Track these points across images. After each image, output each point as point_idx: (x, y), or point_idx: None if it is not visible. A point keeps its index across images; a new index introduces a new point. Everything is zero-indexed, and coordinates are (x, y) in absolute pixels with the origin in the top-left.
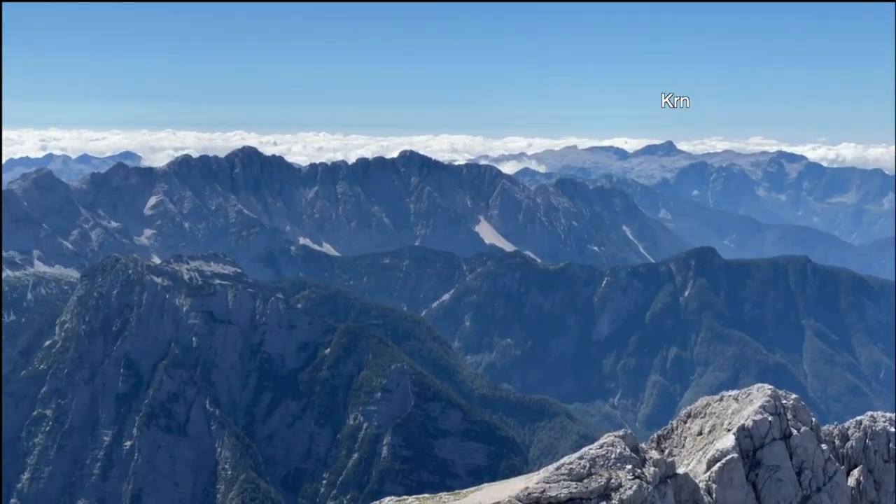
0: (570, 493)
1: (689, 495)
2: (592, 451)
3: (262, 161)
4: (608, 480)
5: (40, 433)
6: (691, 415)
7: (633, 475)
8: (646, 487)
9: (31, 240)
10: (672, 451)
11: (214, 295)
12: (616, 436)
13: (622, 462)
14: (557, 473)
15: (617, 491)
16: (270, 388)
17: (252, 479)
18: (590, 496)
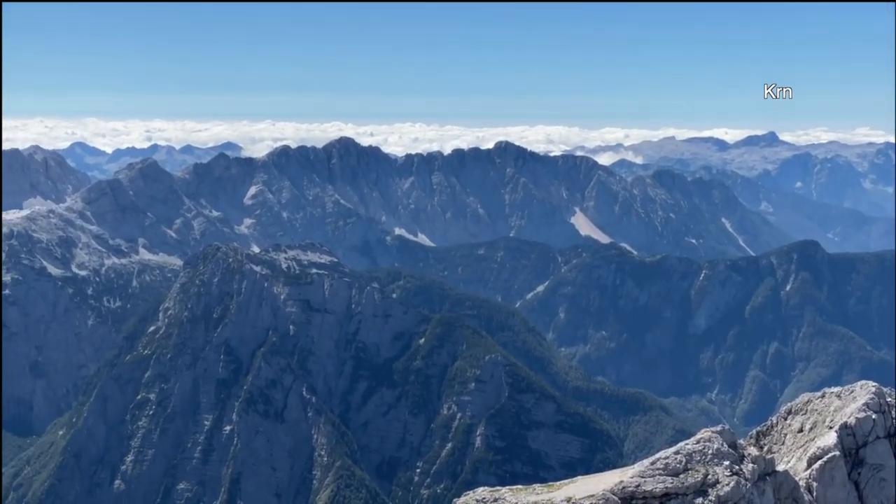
0: (666, 489)
1: (789, 493)
2: (689, 446)
3: (358, 152)
4: (705, 476)
5: (144, 417)
6: (792, 411)
7: (730, 471)
8: (744, 484)
9: (137, 228)
10: (771, 447)
11: (311, 284)
12: (713, 431)
13: (719, 458)
14: (653, 468)
15: (714, 487)
16: (365, 376)
17: (347, 466)
18: (686, 492)
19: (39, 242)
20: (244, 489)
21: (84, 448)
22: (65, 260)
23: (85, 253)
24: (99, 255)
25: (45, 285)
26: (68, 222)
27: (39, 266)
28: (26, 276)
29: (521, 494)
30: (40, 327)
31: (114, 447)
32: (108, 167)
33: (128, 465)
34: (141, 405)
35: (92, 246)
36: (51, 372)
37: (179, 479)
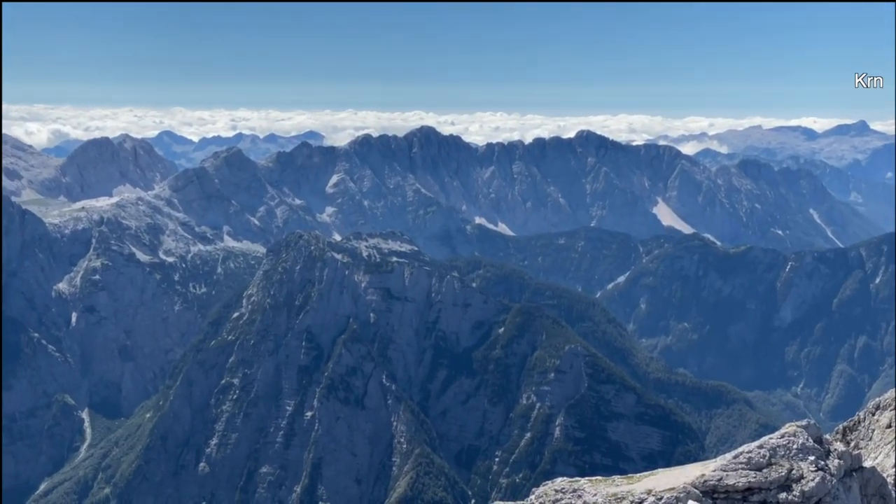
0: (749, 483)
1: (876, 490)
2: (773, 440)
3: (439, 141)
4: (789, 471)
5: (228, 401)
6: (880, 406)
7: (815, 467)
8: (829, 480)
9: (222, 216)
10: (858, 443)
11: (392, 272)
12: (798, 426)
13: (804, 453)
14: (735, 462)
15: (798, 482)
16: (445, 365)
17: (426, 454)
18: (769, 486)
19: (128, 229)
20: (325, 474)
21: (170, 430)
22: (153, 246)
23: (172, 240)
24: (185, 241)
25: (133, 271)
26: (156, 210)
27: (128, 252)
28: (115, 262)
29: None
30: (129, 312)
31: (199, 430)
32: (195, 156)
33: (212, 448)
34: (225, 390)
35: (179, 233)
36: (139, 356)
37: (262, 462)
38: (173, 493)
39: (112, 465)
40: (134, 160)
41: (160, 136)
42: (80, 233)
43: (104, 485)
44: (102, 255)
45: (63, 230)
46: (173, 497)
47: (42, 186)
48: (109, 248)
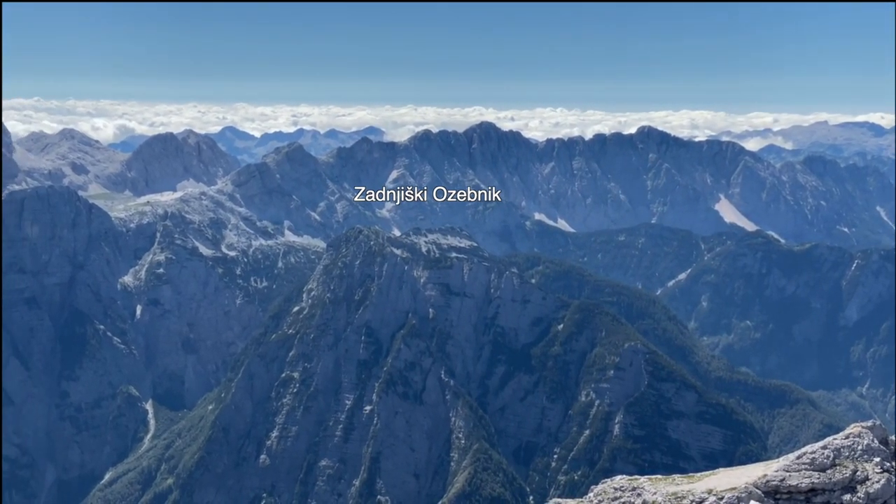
0: (812, 484)
1: None
2: (837, 441)
3: (499, 136)
4: (854, 473)
5: (288, 394)
6: None
7: (881, 468)
8: (895, 482)
9: (283, 211)
10: None
11: (451, 268)
12: (864, 426)
13: (870, 454)
14: (799, 462)
15: (863, 484)
16: (503, 361)
17: (485, 450)
18: (833, 488)
19: (192, 224)
20: (384, 468)
21: (232, 423)
22: (215, 241)
23: (234, 234)
24: (247, 236)
25: (196, 265)
26: (219, 204)
27: (192, 246)
28: (179, 255)
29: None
30: (192, 305)
31: (260, 423)
32: (257, 151)
33: (273, 440)
34: (285, 383)
35: (240, 227)
36: (201, 348)
37: (321, 456)
38: (234, 485)
39: (175, 456)
40: (197, 155)
41: (223, 132)
42: (145, 227)
43: (167, 475)
44: (166, 249)
45: (128, 224)
46: (234, 488)
47: (108, 181)
48: (173, 242)
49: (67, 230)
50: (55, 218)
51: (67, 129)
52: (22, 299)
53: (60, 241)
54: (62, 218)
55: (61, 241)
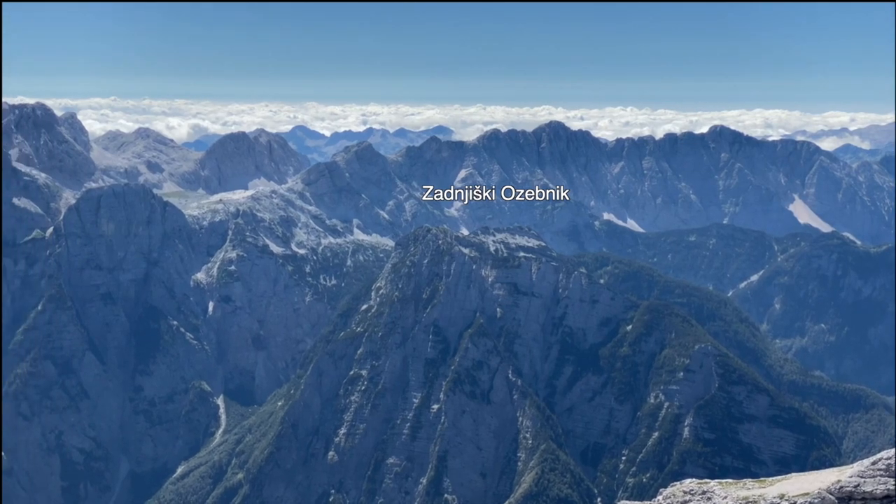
0: (887, 491)
1: None
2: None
3: (568, 136)
4: None
5: (356, 392)
6: None
7: None
8: None
9: (352, 209)
10: None
11: (519, 267)
12: None
13: None
14: (874, 468)
15: None
16: (571, 361)
17: (552, 450)
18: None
19: (262, 221)
20: (451, 467)
21: (301, 419)
22: (285, 238)
23: (304, 232)
24: (316, 234)
25: (267, 262)
26: (289, 202)
27: (262, 244)
28: (250, 253)
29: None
30: (262, 302)
31: (328, 419)
32: (327, 150)
33: (341, 437)
34: (354, 381)
35: (310, 226)
36: (271, 345)
37: (389, 453)
38: (303, 481)
39: (245, 450)
40: (269, 154)
41: (294, 131)
42: (218, 224)
43: (237, 470)
44: (238, 247)
45: (201, 222)
46: (303, 484)
47: (182, 179)
48: (245, 239)
49: (142, 227)
50: (131, 215)
51: (143, 128)
52: (98, 295)
53: (135, 239)
54: (137, 215)
55: (136, 239)
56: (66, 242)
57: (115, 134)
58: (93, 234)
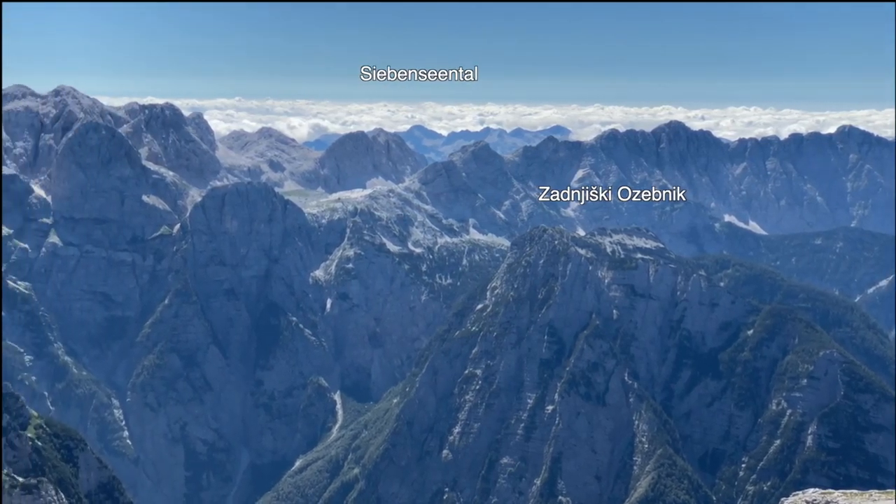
0: None
1: None
2: None
3: (688, 136)
4: None
5: (471, 391)
6: None
7: None
8: None
9: (468, 209)
10: None
11: (636, 269)
12: None
13: None
14: None
15: None
16: (689, 365)
17: (669, 455)
18: None
19: (380, 220)
20: (565, 469)
21: (416, 417)
22: (402, 237)
23: (420, 231)
24: (433, 233)
25: (384, 261)
26: (406, 202)
27: (379, 242)
28: (367, 251)
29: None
30: (379, 300)
31: (442, 418)
32: (444, 149)
33: (455, 436)
34: (468, 380)
35: (427, 225)
36: (387, 343)
37: (503, 453)
38: (418, 478)
39: (361, 446)
40: (386, 153)
41: (411, 131)
42: (336, 223)
43: (353, 465)
44: (356, 245)
45: (320, 220)
46: (418, 481)
47: (302, 178)
48: (362, 238)
49: (264, 225)
50: (253, 213)
51: (265, 127)
52: (221, 290)
53: (257, 236)
54: (259, 213)
55: (258, 236)
56: (191, 239)
57: (239, 133)
58: (217, 230)
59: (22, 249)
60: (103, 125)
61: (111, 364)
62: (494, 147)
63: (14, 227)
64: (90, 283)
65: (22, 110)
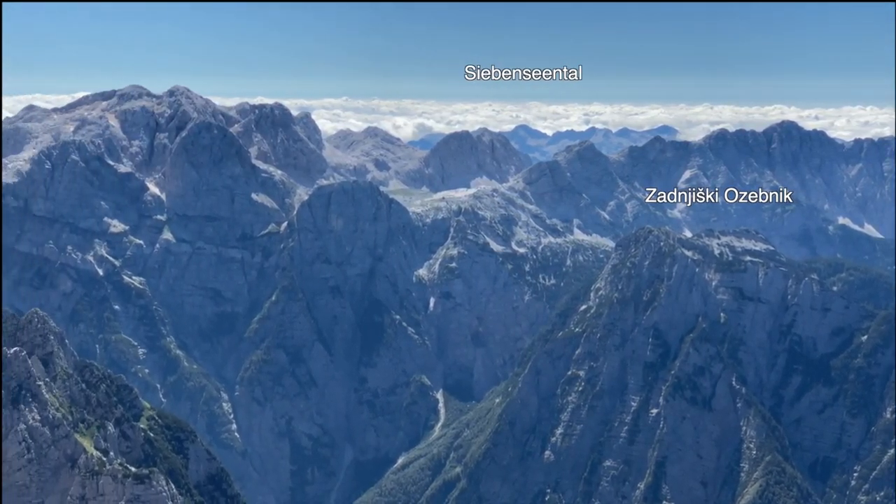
0: None
1: None
2: None
3: (801, 136)
4: None
5: (573, 392)
6: None
7: None
8: None
9: (572, 209)
10: None
11: (745, 272)
12: None
13: None
14: None
15: None
16: (800, 371)
17: (777, 462)
18: None
19: (484, 220)
20: (669, 473)
21: (518, 417)
22: (505, 237)
23: (524, 231)
24: (536, 233)
25: (487, 260)
26: (510, 201)
27: (483, 242)
28: (471, 251)
29: None
30: (482, 299)
31: (545, 419)
32: (548, 149)
33: (557, 437)
34: (571, 381)
35: (530, 225)
36: (490, 342)
37: (606, 456)
38: (519, 478)
39: (463, 445)
40: (491, 153)
41: (516, 130)
42: (440, 222)
43: (455, 464)
44: (459, 244)
45: (424, 219)
46: (520, 482)
47: (407, 177)
48: (466, 237)
49: (369, 223)
50: (358, 212)
51: (371, 127)
52: (327, 288)
53: (362, 234)
54: (365, 212)
55: (363, 234)
56: (298, 237)
57: (346, 133)
58: (323, 229)
59: (137, 245)
60: (215, 125)
61: (220, 358)
62: (600, 147)
63: (130, 224)
64: (201, 279)
65: (138, 110)
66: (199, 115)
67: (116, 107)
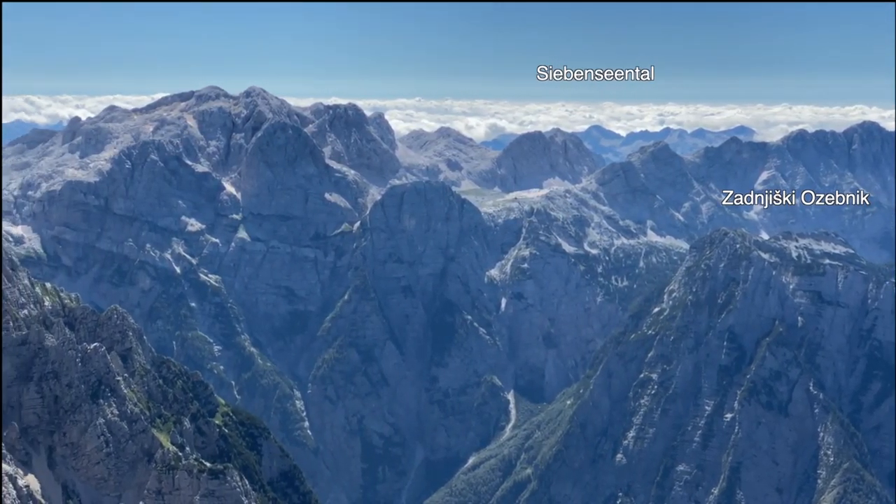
0: None
1: None
2: None
3: (883, 136)
4: None
5: (646, 395)
6: None
7: None
8: None
9: (646, 210)
10: None
11: (823, 275)
12: None
13: None
14: None
15: None
16: (880, 377)
17: (856, 470)
18: None
19: (556, 221)
20: (744, 479)
21: (589, 419)
22: (578, 238)
23: (596, 232)
24: (609, 235)
25: (559, 261)
26: (582, 202)
27: (555, 243)
28: (543, 251)
29: None
30: (553, 301)
31: (616, 421)
32: (622, 150)
33: (629, 440)
34: (643, 384)
35: (603, 226)
36: (561, 343)
37: (678, 460)
38: (591, 481)
39: (534, 447)
40: (563, 154)
41: (589, 131)
42: (512, 222)
43: (526, 465)
44: (531, 245)
45: (496, 219)
46: (591, 484)
47: (479, 177)
48: (538, 238)
49: (441, 223)
50: (430, 211)
51: (444, 127)
52: (399, 287)
53: (434, 234)
54: (437, 211)
55: (435, 234)
56: (371, 236)
57: (419, 133)
58: (395, 228)
59: (213, 244)
60: (290, 125)
61: (293, 356)
62: (674, 148)
63: (206, 223)
64: (275, 277)
65: (215, 110)
66: (275, 115)
67: (194, 107)
